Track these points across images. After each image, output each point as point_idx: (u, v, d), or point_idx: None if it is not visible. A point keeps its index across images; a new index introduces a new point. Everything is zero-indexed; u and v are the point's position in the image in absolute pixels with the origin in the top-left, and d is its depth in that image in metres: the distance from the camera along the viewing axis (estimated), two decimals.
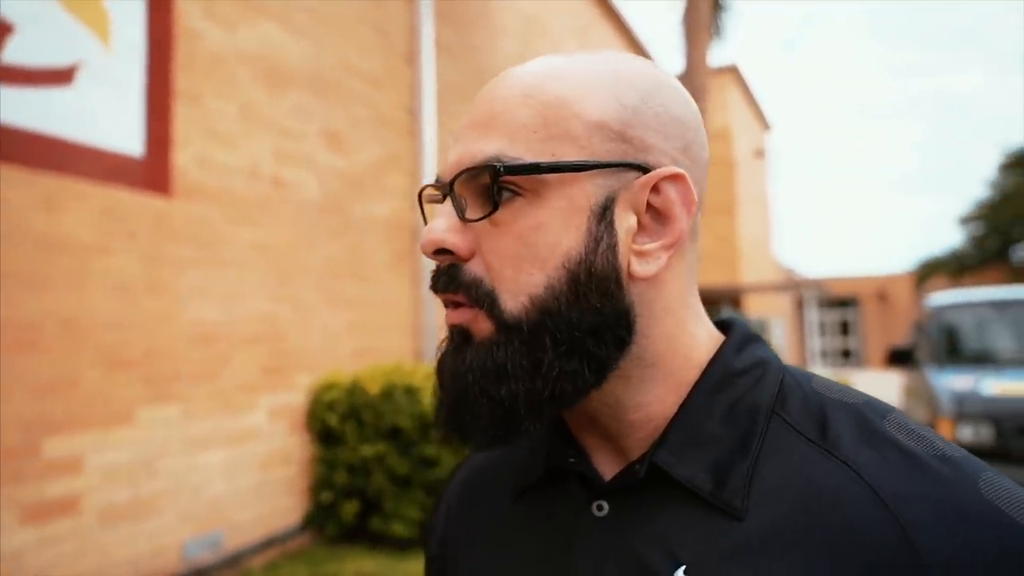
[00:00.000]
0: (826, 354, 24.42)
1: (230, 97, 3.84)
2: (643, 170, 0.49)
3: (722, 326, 0.57)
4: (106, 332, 3.13)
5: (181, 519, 3.45)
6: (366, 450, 4.05)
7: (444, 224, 0.50)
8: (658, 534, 0.49)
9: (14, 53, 2.84)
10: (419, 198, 0.56)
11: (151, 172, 3.37)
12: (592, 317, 0.48)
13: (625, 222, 0.49)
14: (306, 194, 4.34)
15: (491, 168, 0.47)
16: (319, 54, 4.50)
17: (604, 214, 0.48)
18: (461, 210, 0.50)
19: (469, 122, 0.51)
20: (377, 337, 4.92)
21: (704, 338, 0.54)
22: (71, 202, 3.02)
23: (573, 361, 0.47)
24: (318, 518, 4.23)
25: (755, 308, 16.91)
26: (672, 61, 41.54)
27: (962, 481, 0.45)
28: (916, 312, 11.53)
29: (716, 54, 12.56)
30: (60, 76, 3.02)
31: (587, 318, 0.47)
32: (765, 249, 20.21)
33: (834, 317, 26.12)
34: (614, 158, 0.48)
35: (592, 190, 0.48)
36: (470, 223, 0.49)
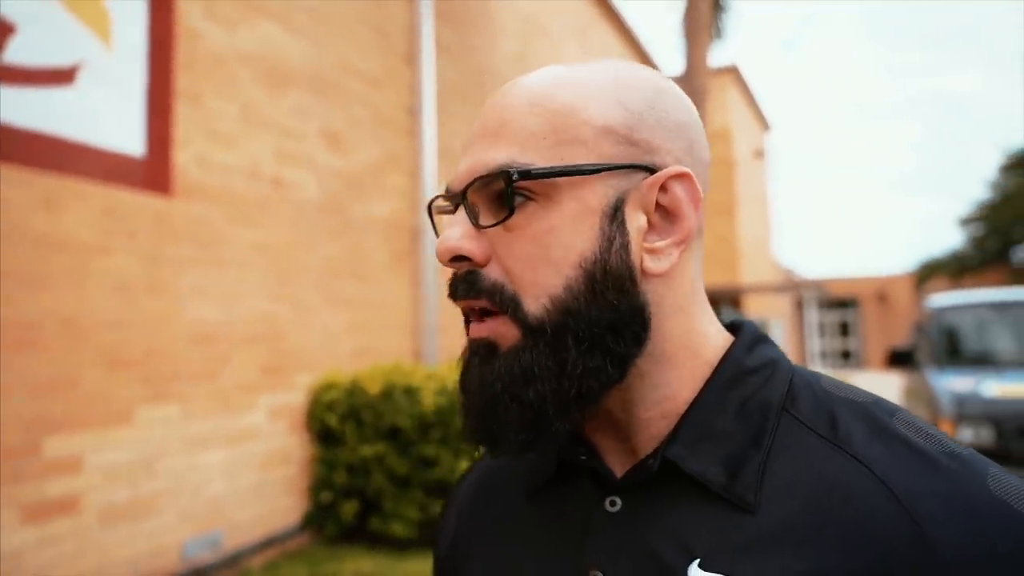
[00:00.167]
0: (826, 355, 24.40)
1: (230, 97, 3.84)
2: (651, 171, 0.51)
3: (732, 328, 0.58)
4: (106, 332, 3.14)
5: (181, 519, 3.45)
6: (365, 450, 4.05)
7: (459, 232, 0.51)
8: (671, 529, 0.49)
9: (15, 53, 2.85)
10: (429, 210, 0.57)
11: (151, 172, 3.37)
12: (610, 314, 0.49)
13: (636, 221, 0.50)
14: (306, 194, 4.35)
15: (505, 174, 0.48)
16: (319, 54, 4.51)
17: (615, 214, 0.50)
18: (475, 217, 0.51)
19: (478, 132, 0.52)
20: (376, 337, 4.92)
21: (715, 336, 0.55)
22: (71, 202, 3.02)
23: (596, 358, 0.49)
24: (317, 518, 4.23)
25: (755, 309, 16.91)
26: (672, 61, 41.50)
27: (971, 477, 0.46)
28: (916, 313, 11.53)
29: (716, 54, 12.57)
30: (61, 76, 3.02)
31: (606, 315, 0.49)
32: (765, 249, 20.21)
33: (834, 318, 26.10)
34: (623, 160, 0.50)
35: (603, 192, 0.49)
36: (484, 229, 0.51)
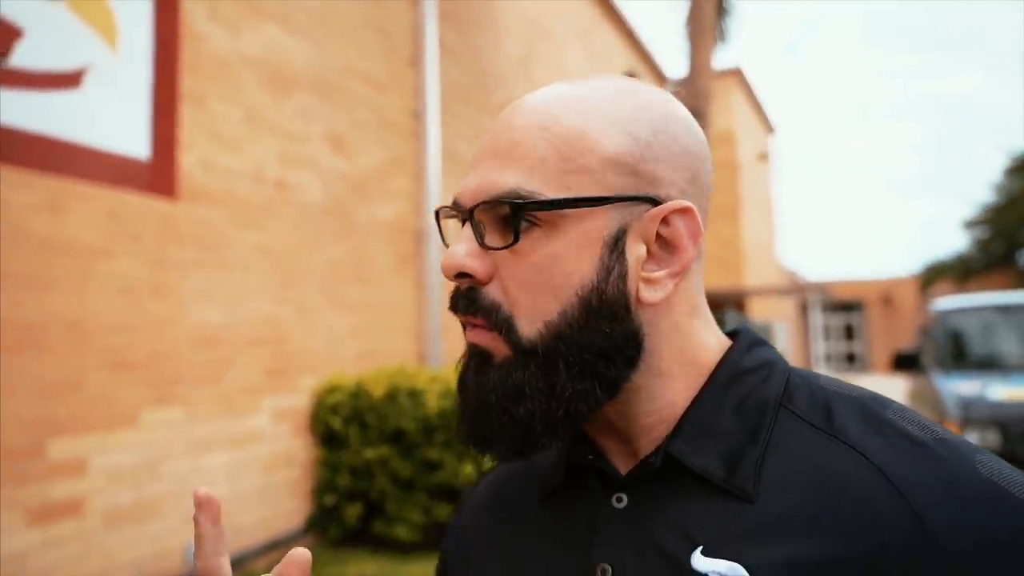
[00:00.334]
0: (830, 358, 24.32)
1: (235, 100, 3.85)
2: (654, 202, 0.52)
3: (732, 336, 0.59)
4: (110, 334, 3.14)
5: (184, 521, 3.45)
6: (369, 453, 4.04)
7: (464, 249, 0.52)
8: (675, 520, 0.51)
9: (23, 57, 2.85)
10: (436, 216, 0.59)
11: (156, 175, 3.38)
12: (603, 341, 0.51)
13: (635, 252, 0.52)
14: (310, 197, 4.35)
15: (512, 204, 0.50)
16: (323, 57, 4.51)
17: (616, 244, 0.51)
18: (481, 236, 0.52)
19: (487, 151, 0.54)
20: (381, 340, 4.92)
21: (713, 344, 0.56)
22: (76, 204, 3.03)
23: (585, 382, 0.51)
24: (321, 521, 4.23)
25: (759, 312, 16.87)
26: (676, 64, 41.46)
27: (960, 463, 0.47)
28: (921, 316, 11.50)
29: (720, 57, 12.55)
30: (68, 80, 3.03)
31: (598, 341, 0.51)
32: (769, 252, 20.18)
33: (838, 321, 26.01)
34: (627, 192, 0.51)
35: (606, 222, 0.51)
36: (489, 250, 0.52)
